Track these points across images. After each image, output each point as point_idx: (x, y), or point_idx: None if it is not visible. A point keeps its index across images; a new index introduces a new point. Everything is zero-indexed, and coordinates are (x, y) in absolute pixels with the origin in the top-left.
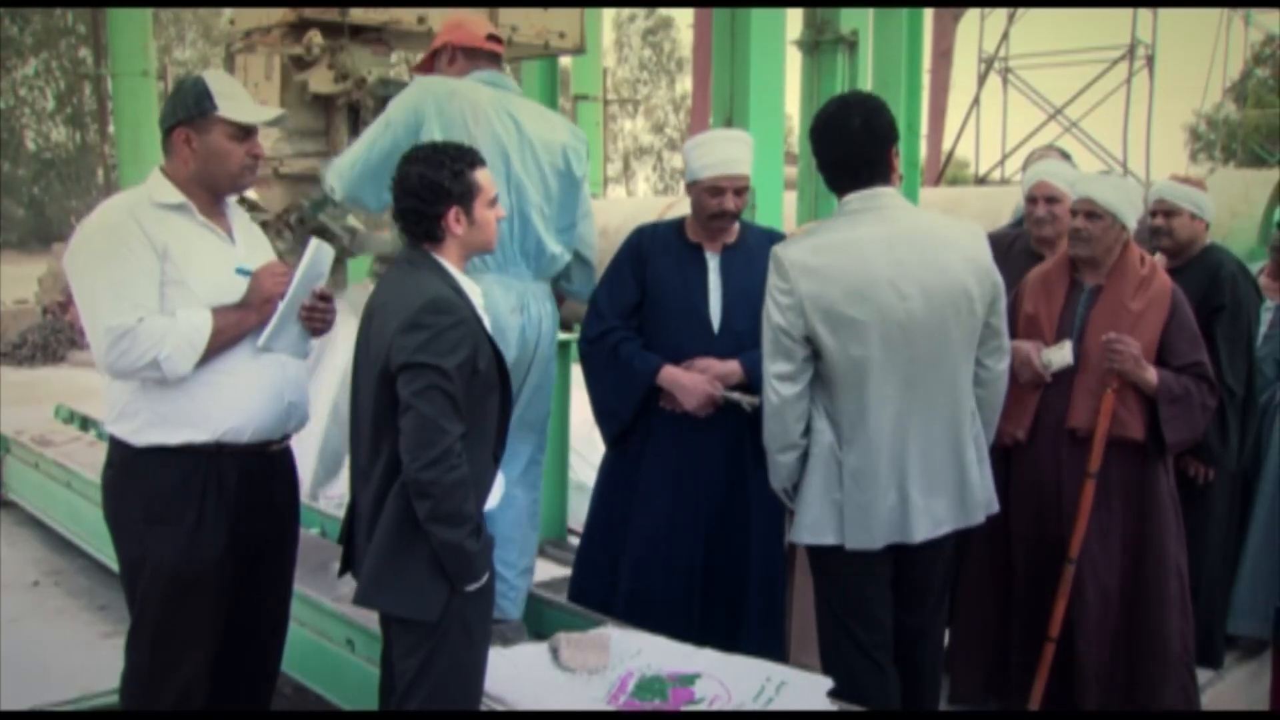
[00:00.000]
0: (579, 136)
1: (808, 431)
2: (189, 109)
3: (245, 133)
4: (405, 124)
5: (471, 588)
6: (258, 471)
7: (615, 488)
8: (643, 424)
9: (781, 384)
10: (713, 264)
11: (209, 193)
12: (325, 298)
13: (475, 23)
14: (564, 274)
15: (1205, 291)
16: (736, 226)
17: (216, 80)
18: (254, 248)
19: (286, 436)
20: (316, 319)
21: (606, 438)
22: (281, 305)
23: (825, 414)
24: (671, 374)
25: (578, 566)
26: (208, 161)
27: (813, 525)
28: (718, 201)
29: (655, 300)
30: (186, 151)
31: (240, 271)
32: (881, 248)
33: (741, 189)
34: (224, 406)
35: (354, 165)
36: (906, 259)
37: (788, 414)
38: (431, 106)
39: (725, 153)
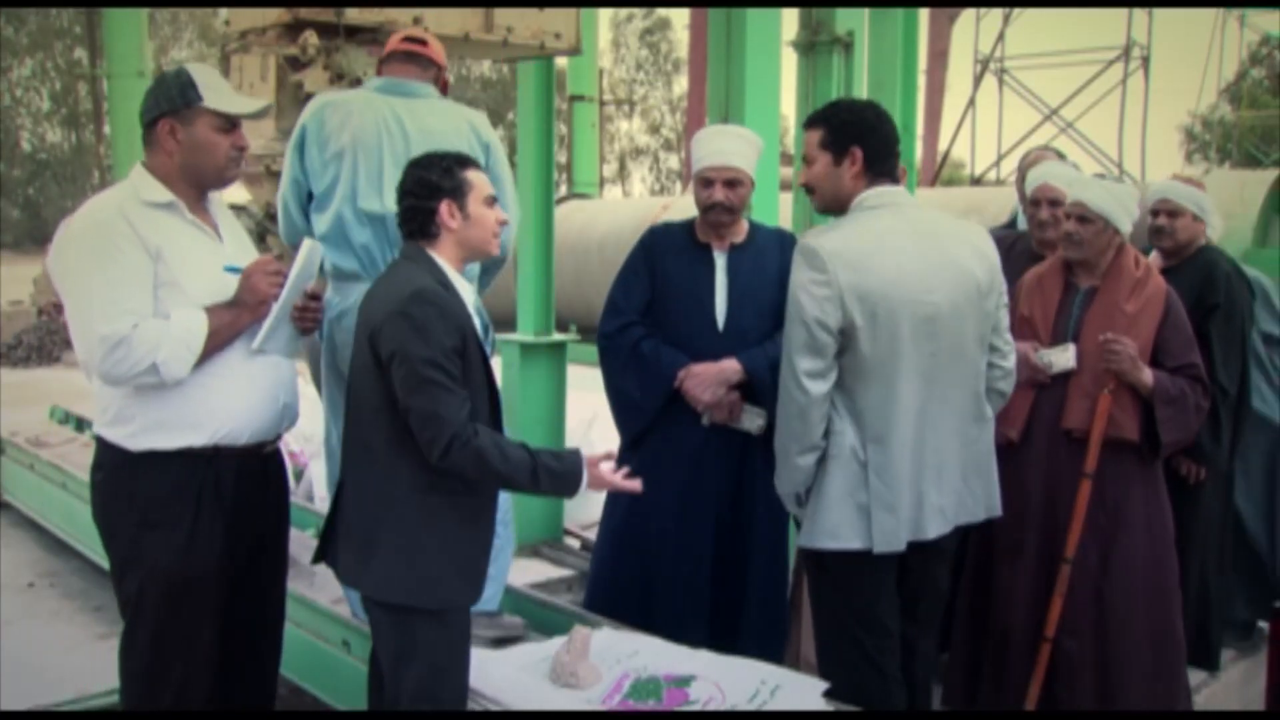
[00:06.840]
0: (479, 124)
1: (827, 433)
2: (174, 100)
3: (231, 124)
4: (292, 143)
5: (574, 494)
6: (253, 474)
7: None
8: (659, 423)
9: (811, 381)
10: (720, 263)
11: (194, 187)
12: (315, 296)
13: (401, 30)
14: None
15: (1200, 291)
16: (745, 225)
17: (200, 72)
18: (241, 245)
19: (279, 437)
20: (308, 319)
21: (627, 436)
22: (276, 306)
23: (847, 413)
24: (688, 386)
25: (595, 580)
26: (193, 153)
27: (834, 529)
28: (708, 194)
29: (663, 298)
30: (171, 143)
31: (229, 270)
32: (905, 242)
33: (732, 181)
34: (222, 409)
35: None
36: (927, 254)
37: (813, 413)
38: (309, 119)
39: (716, 145)
